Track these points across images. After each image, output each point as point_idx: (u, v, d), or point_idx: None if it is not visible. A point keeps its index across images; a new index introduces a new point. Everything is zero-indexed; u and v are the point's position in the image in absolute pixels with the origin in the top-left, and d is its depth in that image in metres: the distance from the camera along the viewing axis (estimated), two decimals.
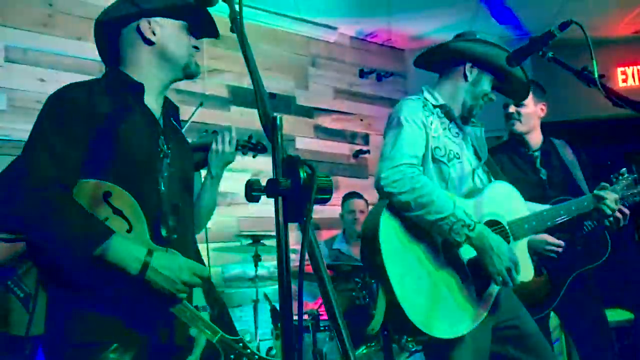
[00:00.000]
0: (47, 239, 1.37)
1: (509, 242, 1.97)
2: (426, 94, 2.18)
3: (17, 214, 1.38)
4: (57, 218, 1.35)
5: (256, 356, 1.55)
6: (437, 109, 2.12)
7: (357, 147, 5.20)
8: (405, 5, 4.69)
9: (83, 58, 3.61)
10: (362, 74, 5.35)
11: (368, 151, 5.23)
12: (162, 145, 1.59)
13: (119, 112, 1.50)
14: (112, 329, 1.42)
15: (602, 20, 4.98)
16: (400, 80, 5.64)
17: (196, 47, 1.67)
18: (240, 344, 1.55)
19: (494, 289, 1.94)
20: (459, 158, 2.05)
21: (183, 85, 4.16)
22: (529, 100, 2.77)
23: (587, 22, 4.89)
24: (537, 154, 2.84)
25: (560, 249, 2.54)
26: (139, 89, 1.58)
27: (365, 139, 5.31)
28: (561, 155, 2.84)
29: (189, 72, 1.66)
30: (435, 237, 1.93)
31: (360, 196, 4.24)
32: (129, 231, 1.43)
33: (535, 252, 2.52)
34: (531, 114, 2.80)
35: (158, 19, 1.60)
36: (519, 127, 2.81)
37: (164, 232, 1.49)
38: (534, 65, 5.04)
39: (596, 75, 1.66)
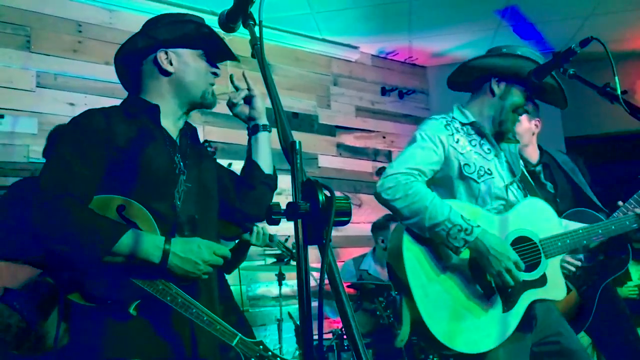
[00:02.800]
0: (62, 243, 1.39)
1: (540, 260, 1.95)
2: (455, 113, 2.17)
3: (33, 226, 1.40)
4: (72, 223, 1.38)
5: (278, 358, 1.54)
6: (467, 127, 2.13)
7: (380, 165, 5.19)
8: (426, 22, 4.71)
9: (111, 82, 3.71)
10: (384, 91, 5.37)
11: None
12: (178, 162, 1.63)
13: (135, 133, 1.55)
14: (134, 343, 1.43)
15: (626, 33, 4.92)
16: (422, 97, 5.64)
17: (215, 74, 1.72)
18: (261, 346, 1.54)
19: (523, 305, 1.92)
20: (490, 174, 2.04)
21: None
22: (523, 117, 2.76)
23: (612, 35, 4.88)
24: (538, 168, 2.85)
25: (577, 264, 2.46)
26: (154, 110, 1.62)
27: (388, 156, 5.31)
28: (561, 164, 2.83)
29: (206, 103, 1.70)
30: (460, 257, 1.93)
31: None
32: None
33: None
34: (525, 130, 2.82)
35: (175, 49, 1.64)
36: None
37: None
38: (557, 80, 5.00)
39: (619, 92, 1.64)
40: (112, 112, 1.58)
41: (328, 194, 0.90)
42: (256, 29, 1.26)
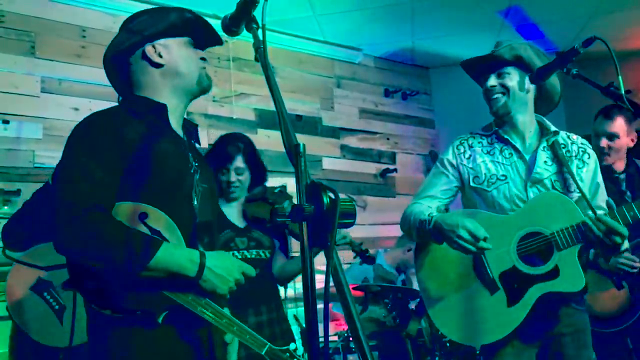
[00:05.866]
0: (96, 260, 1.36)
1: (552, 253, 1.93)
2: (484, 126, 2.26)
3: (60, 242, 1.37)
4: (103, 238, 1.35)
5: None
6: (492, 136, 2.20)
7: (384, 166, 5.19)
8: (428, 24, 4.71)
9: None
10: (387, 93, 5.37)
11: (395, 170, 5.22)
12: (192, 161, 1.61)
13: (147, 135, 1.51)
14: (162, 350, 1.43)
15: (630, 32, 4.90)
16: (426, 99, 5.64)
17: (203, 59, 1.67)
18: (287, 354, 1.57)
19: (531, 299, 1.94)
20: (504, 179, 2.09)
21: (211, 109, 4.25)
22: (622, 133, 2.79)
23: (615, 34, 4.87)
24: (622, 176, 2.84)
25: (636, 264, 2.54)
26: (162, 109, 1.59)
27: (392, 157, 5.31)
28: None
29: (203, 87, 1.66)
30: (463, 256, 2.03)
31: None
32: None
33: (612, 268, 2.60)
34: (623, 146, 2.81)
35: (161, 40, 1.61)
36: (608, 160, 2.81)
37: (201, 249, 1.51)
38: (562, 80, 4.99)
39: (622, 91, 1.63)
40: (117, 113, 1.54)
41: (332, 196, 0.90)
42: (259, 32, 1.26)
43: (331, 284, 0.91)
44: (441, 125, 5.59)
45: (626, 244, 1.97)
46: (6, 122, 3.41)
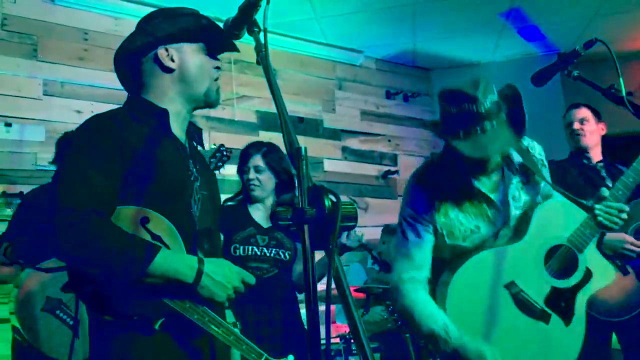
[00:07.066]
0: (94, 265, 1.35)
1: (577, 257, 1.94)
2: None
3: (59, 248, 1.36)
4: (102, 244, 1.33)
5: None
6: None
7: (386, 168, 5.20)
8: (430, 26, 4.72)
9: (118, 89, 3.71)
10: (389, 95, 5.38)
11: (397, 172, 5.22)
12: (192, 168, 1.58)
13: (148, 139, 1.49)
14: (159, 357, 1.42)
15: (633, 34, 4.90)
16: (427, 100, 5.64)
17: (218, 67, 1.64)
18: None
19: (582, 307, 1.94)
20: (477, 230, 1.95)
21: (213, 111, 4.25)
22: (590, 118, 2.96)
23: (616, 35, 4.87)
24: (600, 164, 2.94)
25: None
26: (164, 115, 1.56)
27: (393, 159, 5.31)
28: (618, 165, 2.92)
29: (209, 101, 1.63)
30: (500, 297, 1.90)
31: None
32: None
33: (616, 253, 2.60)
34: (595, 132, 2.95)
35: (175, 45, 1.58)
36: (584, 140, 2.93)
37: (200, 256, 1.49)
38: (564, 82, 4.99)
39: (624, 93, 1.64)
40: (119, 116, 1.52)
41: (334, 199, 0.90)
42: (261, 35, 1.26)
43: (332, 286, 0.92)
44: None
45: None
46: (8, 124, 3.42)
